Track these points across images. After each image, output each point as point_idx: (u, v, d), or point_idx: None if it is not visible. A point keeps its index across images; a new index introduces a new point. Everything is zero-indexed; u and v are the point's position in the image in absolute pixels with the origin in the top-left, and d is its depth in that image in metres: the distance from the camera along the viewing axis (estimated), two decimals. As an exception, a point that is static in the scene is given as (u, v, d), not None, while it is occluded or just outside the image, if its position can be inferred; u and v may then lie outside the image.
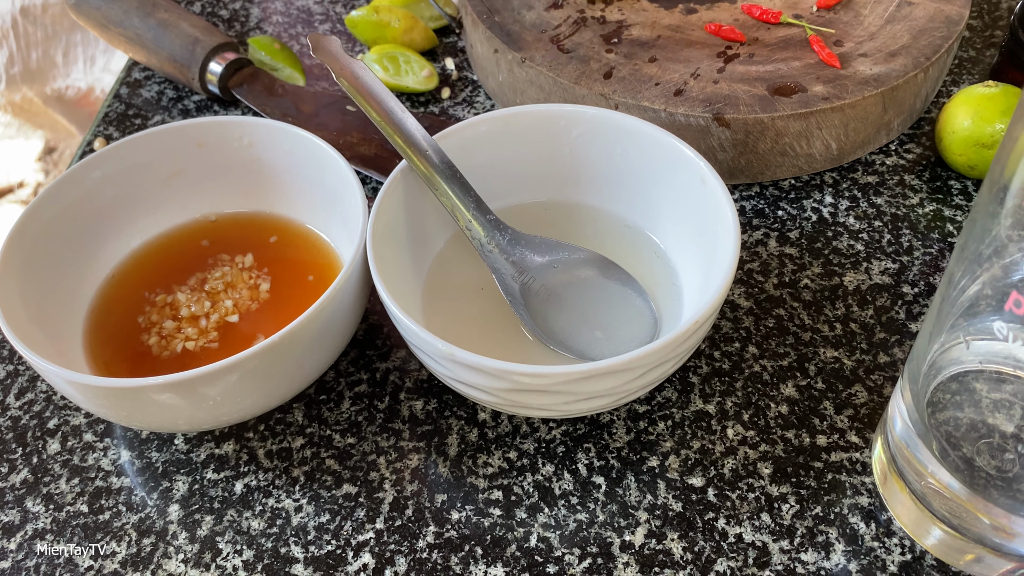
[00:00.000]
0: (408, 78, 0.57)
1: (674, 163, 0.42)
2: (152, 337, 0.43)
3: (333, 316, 0.38)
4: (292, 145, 0.45)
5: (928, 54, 0.50)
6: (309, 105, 0.55)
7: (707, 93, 0.49)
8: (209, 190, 0.47)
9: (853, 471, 0.39)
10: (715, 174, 0.40)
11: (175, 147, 0.46)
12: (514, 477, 0.40)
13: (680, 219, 0.43)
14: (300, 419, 0.42)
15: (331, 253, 0.46)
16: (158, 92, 0.61)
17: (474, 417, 0.42)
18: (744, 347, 0.44)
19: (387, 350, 0.45)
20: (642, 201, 0.45)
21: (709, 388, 0.43)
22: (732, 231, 0.38)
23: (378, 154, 0.52)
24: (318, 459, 0.41)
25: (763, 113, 0.47)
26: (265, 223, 0.47)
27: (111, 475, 0.41)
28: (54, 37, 1.75)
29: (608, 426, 0.41)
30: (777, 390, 0.42)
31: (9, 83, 1.75)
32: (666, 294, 0.43)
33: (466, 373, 0.35)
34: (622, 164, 0.44)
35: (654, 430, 0.41)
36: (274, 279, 0.45)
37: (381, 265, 0.38)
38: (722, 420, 0.41)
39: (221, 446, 0.42)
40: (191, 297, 0.44)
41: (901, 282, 0.46)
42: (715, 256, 0.39)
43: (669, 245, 0.44)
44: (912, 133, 0.55)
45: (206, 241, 0.47)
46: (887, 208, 0.50)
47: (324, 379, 0.44)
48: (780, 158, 0.50)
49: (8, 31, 1.73)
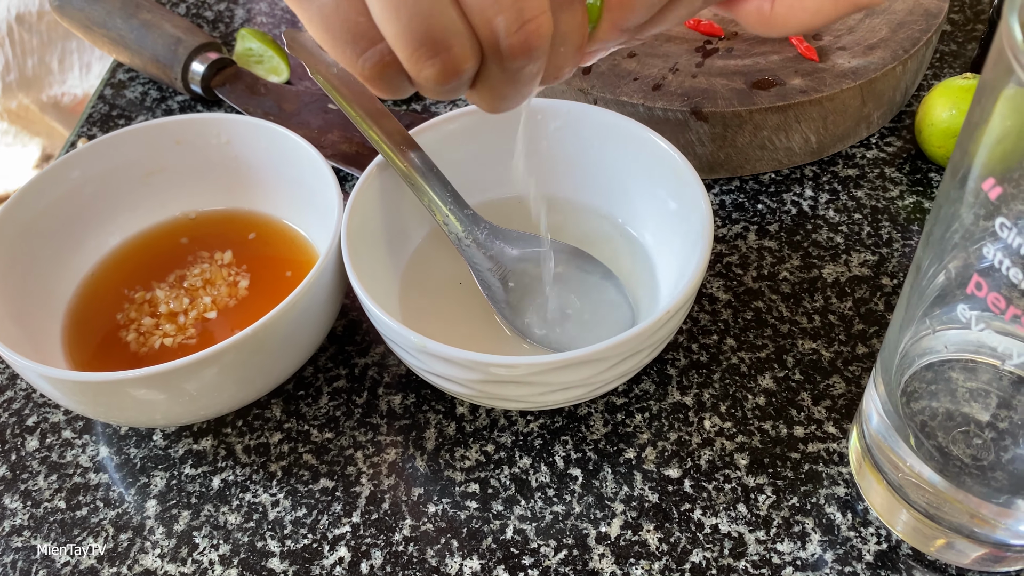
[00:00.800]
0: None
1: (650, 157, 0.42)
2: (130, 334, 0.43)
3: (307, 310, 0.38)
4: (270, 142, 0.45)
5: (907, 47, 0.50)
6: (291, 104, 0.55)
7: (685, 87, 0.49)
8: (188, 188, 0.47)
9: (830, 461, 0.39)
10: (690, 167, 0.40)
11: (154, 145, 0.46)
12: (491, 470, 0.40)
13: (657, 213, 0.43)
14: (278, 414, 0.42)
15: (309, 249, 0.46)
16: (142, 93, 0.61)
17: (452, 411, 0.42)
18: (722, 339, 0.44)
19: (366, 346, 0.45)
20: (620, 195, 0.45)
21: (687, 380, 0.43)
22: (706, 222, 0.38)
23: (359, 152, 0.52)
24: (295, 454, 0.41)
25: (741, 106, 0.47)
26: (244, 220, 0.47)
27: (89, 471, 0.41)
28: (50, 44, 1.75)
29: (585, 419, 0.41)
30: (755, 382, 0.42)
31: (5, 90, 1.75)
32: (644, 287, 0.43)
33: (440, 365, 0.35)
34: (599, 158, 0.45)
35: (631, 422, 0.41)
36: (253, 276, 0.45)
37: (356, 259, 0.38)
38: (699, 412, 0.41)
39: (199, 441, 0.42)
40: (170, 294, 0.44)
41: (880, 274, 0.47)
42: (691, 248, 0.39)
43: (647, 239, 0.44)
44: (892, 127, 0.55)
45: (185, 238, 0.47)
46: (867, 201, 0.50)
47: (302, 374, 0.44)
48: (759, 152, 0.50)
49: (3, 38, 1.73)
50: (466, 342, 0.39)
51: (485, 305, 0.42)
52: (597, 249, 0.44)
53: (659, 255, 0.43)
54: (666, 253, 0.43)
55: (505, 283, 0.42)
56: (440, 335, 0.35)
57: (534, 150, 0.45)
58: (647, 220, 0.44)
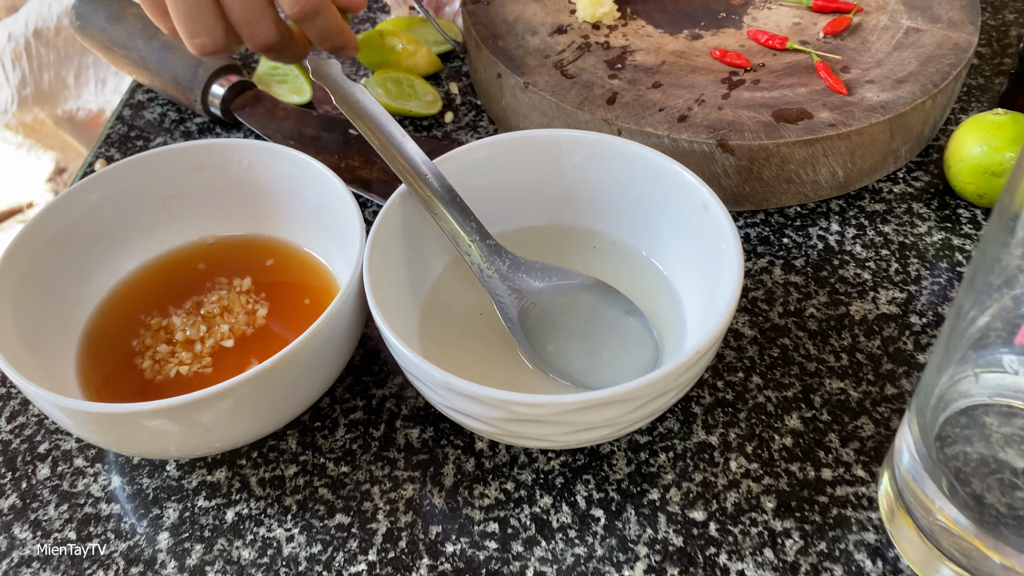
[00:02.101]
0: (411, 102, 0.57)
1: (676, 189, 0.41)
2: (146, 361, 0.42)
3: (328, 341, 0.38)
4: (291, 168, 0.45)
5: (936, 81, 0.50)
6: (311, 128, 0.55)
7: (711, 119, 0.48)
8: (207, 213, 0.47)
9: (859, 506, 0.38)
10: (718, 200, 0.39)
11: (174, 169, 0.45)
12: (511, 509, 0.39)
13: (683, 245, 0.42)
14: (294, 446, 0.42)
15: (328, 277, 0.45)
16: (160, 114, 0.60)
17: (471, 446, 0.41)
18: (748, 377, 0.43)
19: (384, 376, 0.44)
20: (644, 227, 0.44)
21: (712, 419, 0.42)
22: (735, 258, 0.37)
23: (379, 178, 0.52)
24: (311, 488, 0.40)
25: (768, 139, 0.47)
26: (263, 246, 0.47)
27: (100, 501, 0.40)
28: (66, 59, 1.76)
29: (608, 457, 0.40)
30: (781, 421, 0.41)
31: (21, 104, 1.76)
32: (669, 321, 0.42)
33: (462, 402, 0.34)
34: (624, 190, 0.44)
35: (655, 462, 0.40)
36: (271, 303, 0.45)
37: (377, 290, 0.38)
38: (725, 452, 0.40)
39: (213, 473, 0.41)
40: (186, 321, 0.44)
41: (909, 312, 0.46)
42: (718, 283, 0.38)
43: (672, 272, 0.44)
44: (920, 161, 0.54)
45: (203, 264, 0.46)
46: (895, 236, 0.49)
47: (319, 405, 0.43)
48: (785, 185, 0.49)
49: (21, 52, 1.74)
50: (487, 375, 0.38)
51: (507, 337, 0.41)
52: (621, 282, 0.43)
53: (685, 289, 0.43)
54: (692, 288, 0.42)
55: (527, 315, 0.42)
56: (460, 367, 0.34)
57: (557, 179, 0.45)
58: (672, 253, 0.43)
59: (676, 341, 0.41)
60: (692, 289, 0.42)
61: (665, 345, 0.41)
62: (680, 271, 0.43)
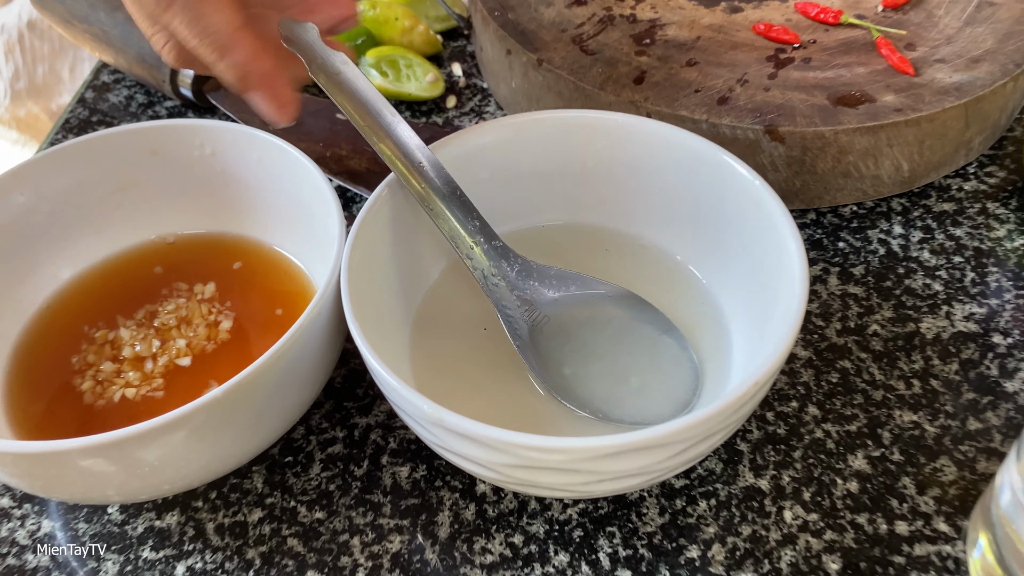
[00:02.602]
0: (410, 84, 0.50)
1: (722, 182, 0.34)
2: (86, 381, 0.36)
3: (300, 359, 0.31)
4: (262, 154, 0.38)
5: (1017, 60, 0.43)
6: (293, 112, 0.48)
7: (757, 102, 0.41)
8: (164, 207, 0.40)
9: (944, 569, 0.31)
10: (773, 195, 0.33)
11: (124, 155, 0.39)
12: (519, 568, 0.32)
13: (728, 250, 0.35)
14: (259, 486, 0.35)
15: (306, 283, 0.38)
16: (127, 97, 0.54)
17: (471, 489, 0.34)
18: (803, 407, 0.36)
19: (369, 402, 0.37)
20: (681, 227, 0.37)
21: (761, 458, 0.35)
22: (798, 266, 0.30)
23: (370, 169, 0.45)
24: (279, 537, 0.33)
25: (824, 126, 0.40)
26: (229, 246, 0.40)
27: (26, 551, 0.33)
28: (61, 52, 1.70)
29: (637, 505, 0.33)
30: (844, 462, 0.34)
31: (14, 98, 1.70)
32: (710, 341, 0.35)
33: (459, 443, 0.28)
34: (657, 182, 0.37)
35: (694, 511, 0.33)
36: (237, 314, 0.38)
37: (357, 298, 0.31)
38: (777, 499, 0.33)
39: (163, 517, 0.34)
40: (136, 334, 0.37)
41: (991, 330, 0.38)
42: (773, 296, 0.31)
43: (714, 282, 0.37)
44: (993, 154, 0.47)
45: (159, 267, 0.40)
46: (968, 241, 0.42)
47: (291, 436, 0.36)
48: (842, 180, 0.42)
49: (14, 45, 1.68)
50: (489, 404, 0.31)
51: (515, 357, 0.35)
52: (653, 293, 0.36)
53: (730, 303, 0.36)
54: (740, 301, 0.35)
55: (539, 331, 0.35)
56: (457, 396, 0.28)
57: (576, 170, 0.38)
58: (715, 260, 0.36)
59: (719, 365, 0.34)
60: (739, 303, 0.35)
61: (706, 369, 0.34)
62: (724, 281, 0.36)
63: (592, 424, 0.33)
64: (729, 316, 0.35)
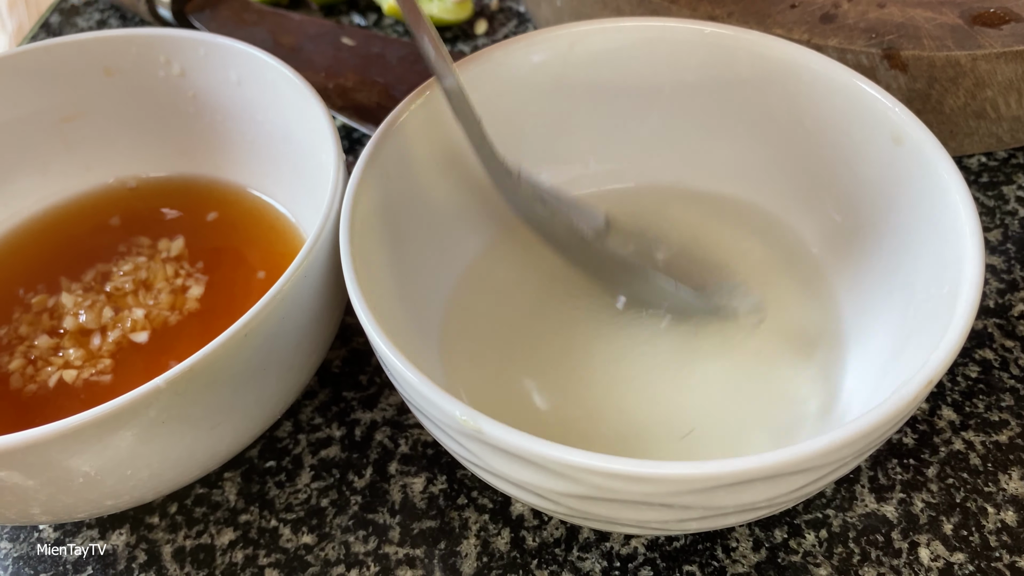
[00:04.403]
0: (431, 4, 0.42)
1: (848, 112, 0.26)
2: (15, 359, 0.28)
3: (280, 335, 0.24)
4: (242, 74, 0.30)
5: None
6: (291, 36, 0.40)
7: (870, 20, 0.33)
8: (122, 142, 0.33)
9: None
10: (922, 126, 0.24)
11: (71, 76, 0.31)
12: (568, 620, 0.24)
13: (855, 203, 0.27)
14: (232, 498, 0.27)
15: (295, 239, 0.31)
16: (99, 21, 0.46)
17: (504, 509, 0.26)
18: (935, 409, 0.28)
19: (374, 392, 0.29)
20: (783, 177, 0.29)
21: (885, 476, 0.26)
22: (968, 220, 0.22)
23: (380, 103, 0.37)
24: (254, 567, 0.26)
25: (959, 50, 0.31)
26: (202, 192, 0.33)
27: (-70, 578, 0.26)
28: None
29: (723, 536, 0.25)
30: (995, 483, 0.26)
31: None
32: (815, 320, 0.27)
33: (504, 463, 0.20)
34: (760, 118, 0.29)
35: (799, 546, 0.25)
36: (211, 277, 0.30)
37: (361, 259, 0.23)
38: (909, 532, 0.25)
39: (107, 536, 0.27)
40: (83, 301, 0.29)
41: None
42: (920, 260, 0.23)
43: (826, 257, 0.28)
44: None
45: (116, 218, 0.32)
46: None
47: (274, 435, 0.29)
48: (974, 122, 0.33)
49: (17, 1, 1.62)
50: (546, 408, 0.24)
51: (581, 346, 0.26)
52: (748, 261, 0.28)
53: (843, 277, 0.27)
54: (862, 281, 0.27)
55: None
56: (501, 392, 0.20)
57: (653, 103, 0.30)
58: (832, 220, 0.28)
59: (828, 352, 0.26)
60: (861, 283, 0.27)
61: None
62: (841, 255, 0.28)
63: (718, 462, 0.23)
64: (840, 291, 0.27)
